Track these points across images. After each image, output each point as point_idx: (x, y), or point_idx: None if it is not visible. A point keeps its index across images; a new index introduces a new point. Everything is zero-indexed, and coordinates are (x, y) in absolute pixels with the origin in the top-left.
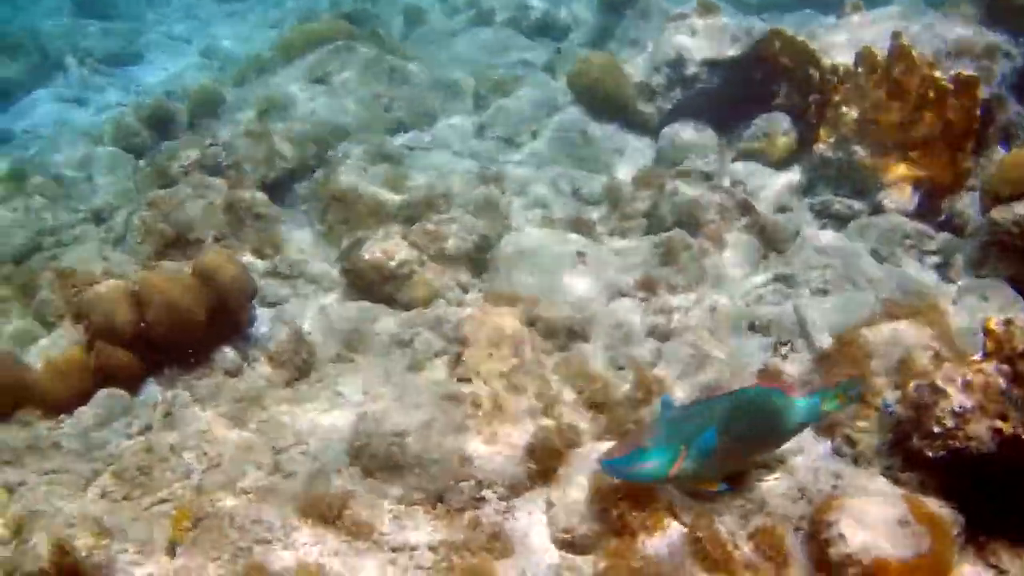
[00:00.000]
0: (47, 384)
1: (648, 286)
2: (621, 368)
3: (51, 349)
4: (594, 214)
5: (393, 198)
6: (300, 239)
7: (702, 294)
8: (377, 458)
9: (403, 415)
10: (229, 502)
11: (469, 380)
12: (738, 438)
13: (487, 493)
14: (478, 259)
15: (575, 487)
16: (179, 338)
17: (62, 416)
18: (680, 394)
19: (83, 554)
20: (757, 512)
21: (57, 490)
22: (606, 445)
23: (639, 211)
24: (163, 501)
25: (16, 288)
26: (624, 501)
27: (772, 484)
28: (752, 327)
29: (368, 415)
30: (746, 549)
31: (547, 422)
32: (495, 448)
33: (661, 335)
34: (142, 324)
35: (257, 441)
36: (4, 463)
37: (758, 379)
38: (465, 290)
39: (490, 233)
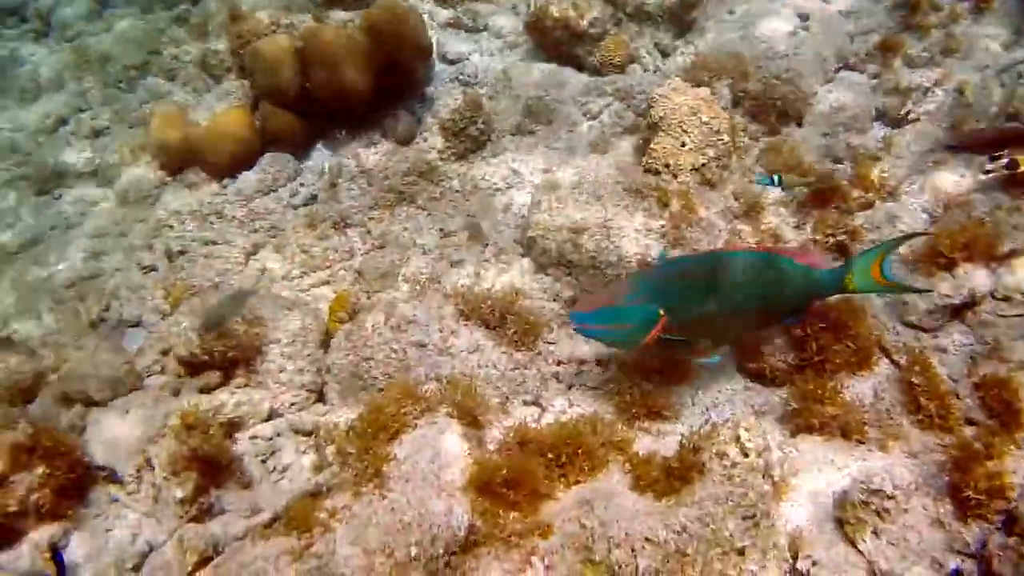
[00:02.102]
0: (213, 144)
1: (882, 57)
2: (839, 161)
3: (217, 106)
4: None
5: None
6: None
7: (948, 70)
8: (549, 254)
9: (581, 208)
10: (387, 295)
11: (657, 172)
12: (732, 305)
13: None
14: (682, 16)
15: None
16: (345, 100)
17: (226, 181)
18: (908, 200)
19: (231, 342)
20: (989, 355)
21: (216, 264)
22: None
23: None
24: (323, 283)
25: (192, 28)
26: (827, 332)
27: (1014, 321)
28: (1010, 117)
29: (543, 204)
30: (969, 401)
31: (744, 227)
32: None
33: (892, 120)
34: (307, 85)
35: (424, 221)
36: (166, 226)
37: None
38: (665, 53)
39: None
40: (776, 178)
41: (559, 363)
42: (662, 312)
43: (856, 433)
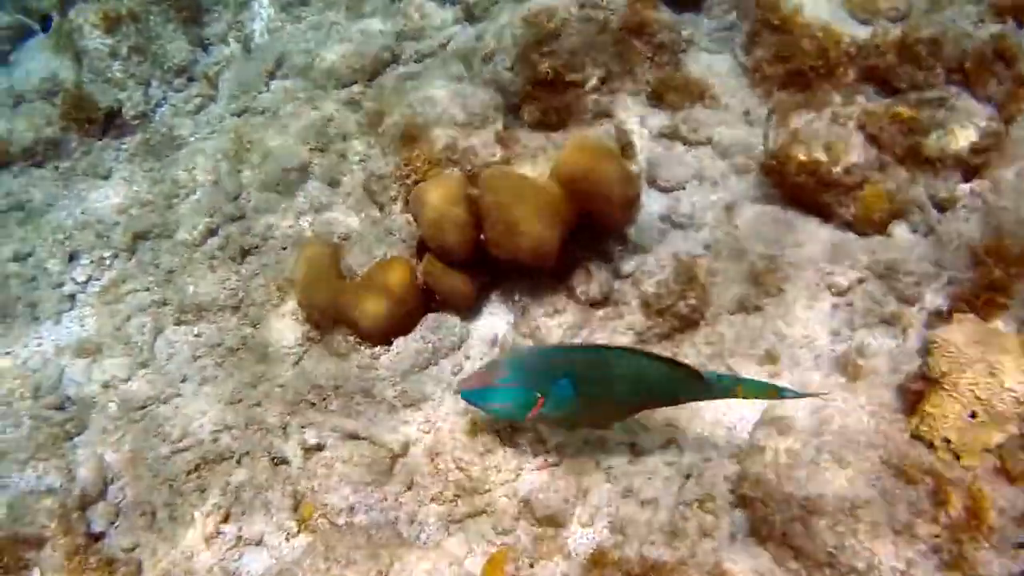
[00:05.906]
0: (365, 304)
1: None
2: None
3: (376, 249)
4: None
5: (854, 34)
6: (715, 73)
7: None
8: (770, 524)
9: (819, 474)
10: (555, 561)
11: (931, 445)
12: (596, 396)
13: None
14: (970, 161)
15: None
16: (527, 261)
17: (378, 349)
18: None
19: None
20: None
21: (354, 474)
22: None
23: None
24: (479, 513)
25: (367, 118)
26: None
27: None
28: None
29: (767, 453)
30: None
31: None
32: None
33: None
34: (480, 237)
35: (612, 436)
36: (308, 404)
37: None
38: (942, 208)
39: (1002, 120)
40: None
41: None
42: (539, 396)
43: None
